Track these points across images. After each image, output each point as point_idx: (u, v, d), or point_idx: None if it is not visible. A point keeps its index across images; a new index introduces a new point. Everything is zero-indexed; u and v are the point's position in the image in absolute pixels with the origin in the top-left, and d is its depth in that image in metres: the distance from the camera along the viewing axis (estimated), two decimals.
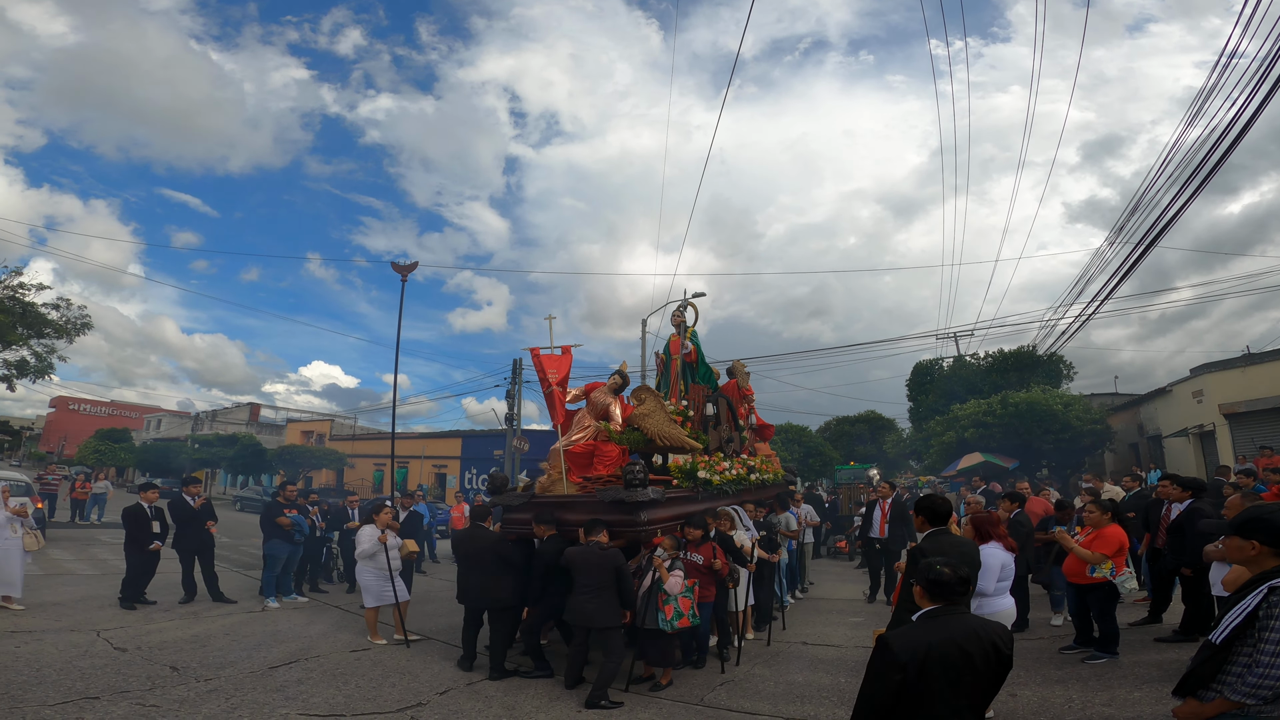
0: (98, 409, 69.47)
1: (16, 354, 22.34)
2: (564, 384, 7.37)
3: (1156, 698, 4.72)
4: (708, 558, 5.81)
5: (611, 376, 7.36)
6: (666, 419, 6.79)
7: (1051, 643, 6.46)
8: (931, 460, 22.45)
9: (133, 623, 7.17)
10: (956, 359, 26.57)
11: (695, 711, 4.97)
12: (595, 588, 5.15)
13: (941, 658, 2.40)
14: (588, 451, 6.77)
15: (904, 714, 2.42)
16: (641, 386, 7.21)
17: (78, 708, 4.50)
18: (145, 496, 8.63)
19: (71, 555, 12.55)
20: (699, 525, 5.95)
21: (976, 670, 2.44)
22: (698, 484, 6.67)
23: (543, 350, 7.47)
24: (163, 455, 43.47)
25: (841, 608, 8.99)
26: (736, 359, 10.19)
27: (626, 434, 6.77)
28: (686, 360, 8.34)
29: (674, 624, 5.25)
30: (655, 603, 5.32)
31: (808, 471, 29.30)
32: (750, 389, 9.98)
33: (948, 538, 4.28)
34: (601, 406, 7.04)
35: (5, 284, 22.13)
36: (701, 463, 6.80)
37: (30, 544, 7.73)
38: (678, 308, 8.66)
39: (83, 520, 19.38)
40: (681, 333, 8.49)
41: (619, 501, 5.62)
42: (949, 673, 2.39)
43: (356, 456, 40.48)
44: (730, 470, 7.22)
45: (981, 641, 2.48)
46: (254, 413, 53.58)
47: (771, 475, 8.87)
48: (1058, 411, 18.28)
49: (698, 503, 6.56)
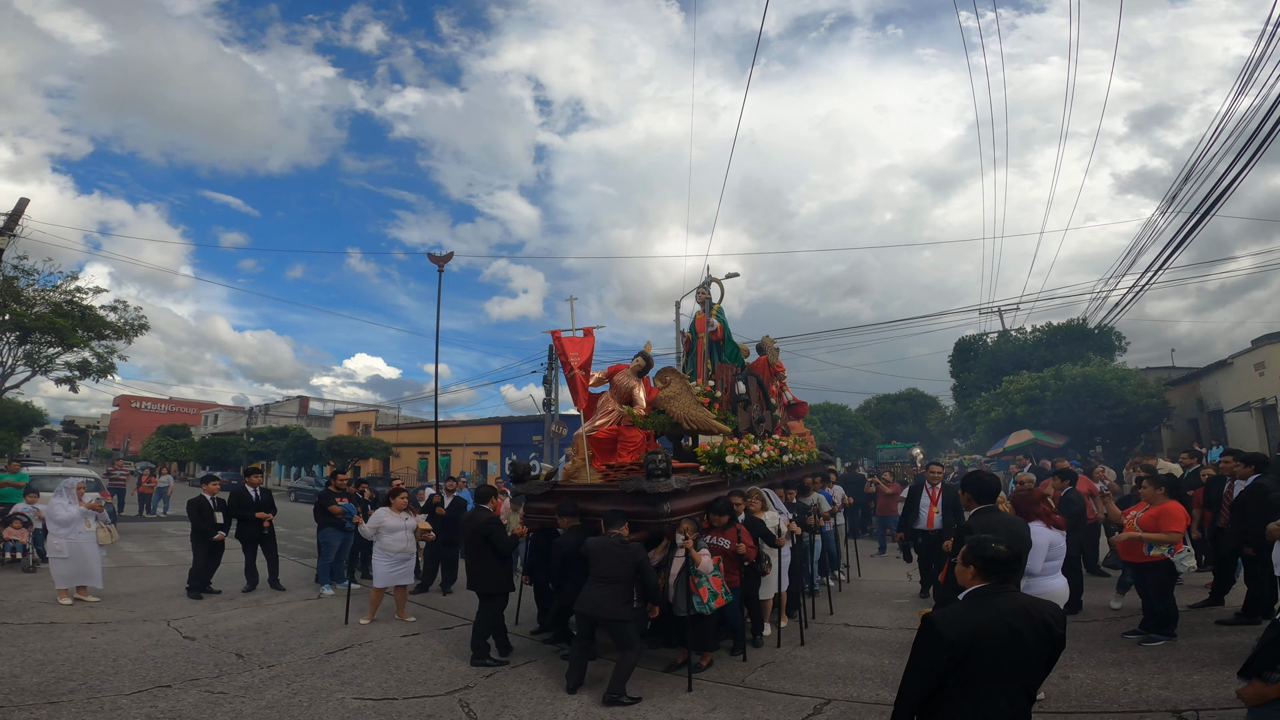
0: (158, 406, 72.75)
1: (78, 355, 23.48)
2: (586, 367, 7.19)
3: (1217, 680, 4.59)
4: (733, 542, 5.63)
5: (635, 358, 7.04)
6: (693, 401, 6.59)
7: (1106, 625, 6.31)
8: (978, 438, 21.96)
9: (200, 612, 7.54)
10: (1001, 334, 25.82)
11: (736, 693, 5.01)
12: (611, 579, 4.98)
13: (991, 636, 2.37)
14: (611, 437, 6.52)
15: (952, 694, 2.40)
16: (667, 368, 6.96)
17: (151, 696, 4.73)
18: (207, 488, 9.03)
19: (141, 547, 13.23)
20: (724, 510, 5.75)
21: (1027, 649, 2.40)
22: (726, 469, 6.42)
23: (564, 333, 7.26)
24: (220, 449, 45.41)
25: (884, 589, 8.90)
26: (765, 335, 9.81)
27: (652, 418, 6.56)
28: (713, 339, 8.07)
29: (710, 605, 5.18)
30: (687, 586, 5.21)
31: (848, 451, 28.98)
32: (781, 365, 9.67)
33: (997, 515, 4.18)
34: (625, 390, 6.78)
35: (62, 289, 23.22)
36: (730, 446, 6.55)
37: (104, 537, 8.09)
38: (702, 284, 8.36)
39: (149, 514, 20.38)
40: (707, 310, 8.20)
41: (640, 492, 5.41)
42: (998, 652, 2.37)
43: (401, 445, 41.55)
44: (761, 453, 6.94)
45: (1032, 620, 2.44)
46: (303, 405, 55.36)
47: (805, 455, 8.57)
48: (1113, 386, 17.64)
49: (725, 489, 6.28)
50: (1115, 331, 22.98)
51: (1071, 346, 22.26)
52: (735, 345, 8.29)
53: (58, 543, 7.60)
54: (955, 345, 27.37)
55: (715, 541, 5.63)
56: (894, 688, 4.62)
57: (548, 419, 25.50)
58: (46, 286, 22.72)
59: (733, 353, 8.17)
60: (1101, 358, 20.90)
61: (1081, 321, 23.23)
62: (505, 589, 5.96)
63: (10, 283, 21.40)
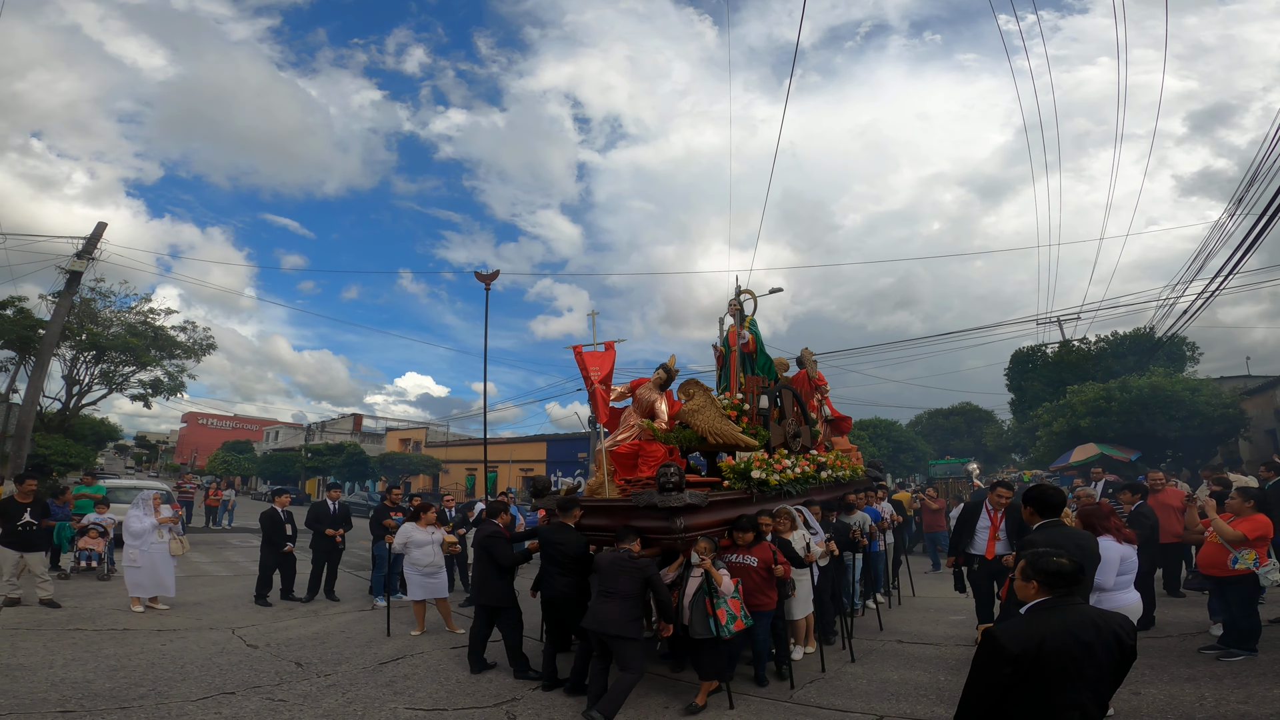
0: (223, 423, 76.07)
1: (151, 374, 24.75)
2: (607, 381, 7.03)
3: None
4: (764, 559, 5.33)
5: (656, 370, 6.82)
6: (718, 414, 6.36)
7: (1181, 641, 6.01)
8: (1038, 453, 21.06)
9: (263, 621, 7.80)
10: (1062, 344, 24.83)
11: (784, 709, 4.91)
12: (618, 594, 4.79)
13: (1058, 651, 2.31)
14: (633, 452, 6.33)
15: (1017, 709, 2.34)
16: (690, 381, 6.74)
17: (216, 703, 4.90)
18: (279, 501, 9.42)
19: (207, 558, 13.79)
20: (750, 528, 5.46)
21: (1098, 662, 2.34)
22: (752, 485, 6.10)
23: (585, 347, 7.13)
24: (281, 464, 47.08)
25: (939, 605, 8.60)
26: (805, 347, 9.52)
27: (676, 432, 6.38)
28: (745, 351, 7.84)
29: (730, 628, 4.88)
30: (704, 607, 4.93)
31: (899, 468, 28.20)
32: (823, 378, 9.41)
33: (1061, 530, 4.02)
34: (647, 403, 6.60)
35: (136, 310, 24.58)
36: (758, 461, 6.24)
37: (176, 548, 8.37)
38: (734, 296, 8.14)
39: (215, 525, 21.26)
40: (739, 322, 7.94)
41: (652, 506, 5.17)
42: (1068, 665, 2.31)
43: (450, 462, 42.36)
44: (794, 468, 6.64)
45: (1102, 632, 2.37)
46: (357, 423, 57.01)
47: (848, 472, 8.22)
48: (1184, 397, 16.75)
49: (751, 505, 6.01)
50: (1186, 340, 21.87)
51: (1139, 357, 21.26)
52: (768, 358, 8.07)
53: (132, 553, 7.96)
54: (1012, 356, 26.44)
55: (739, 560, 5.39)
56: (950, 704, 4.45)
57: (593, 436, 25.64)
58: (121, 308, 24.13)
59: (765, 365, 7.94)
60: (1170, 367, 19.88)
61: (1149, 330, 22.17)
62: (503, 603, 5.84)
63: (88, 305, 22.78)
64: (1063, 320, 24.98)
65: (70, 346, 22.25)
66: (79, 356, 23.17)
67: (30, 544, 7.88)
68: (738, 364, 7.78)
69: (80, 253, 16.05)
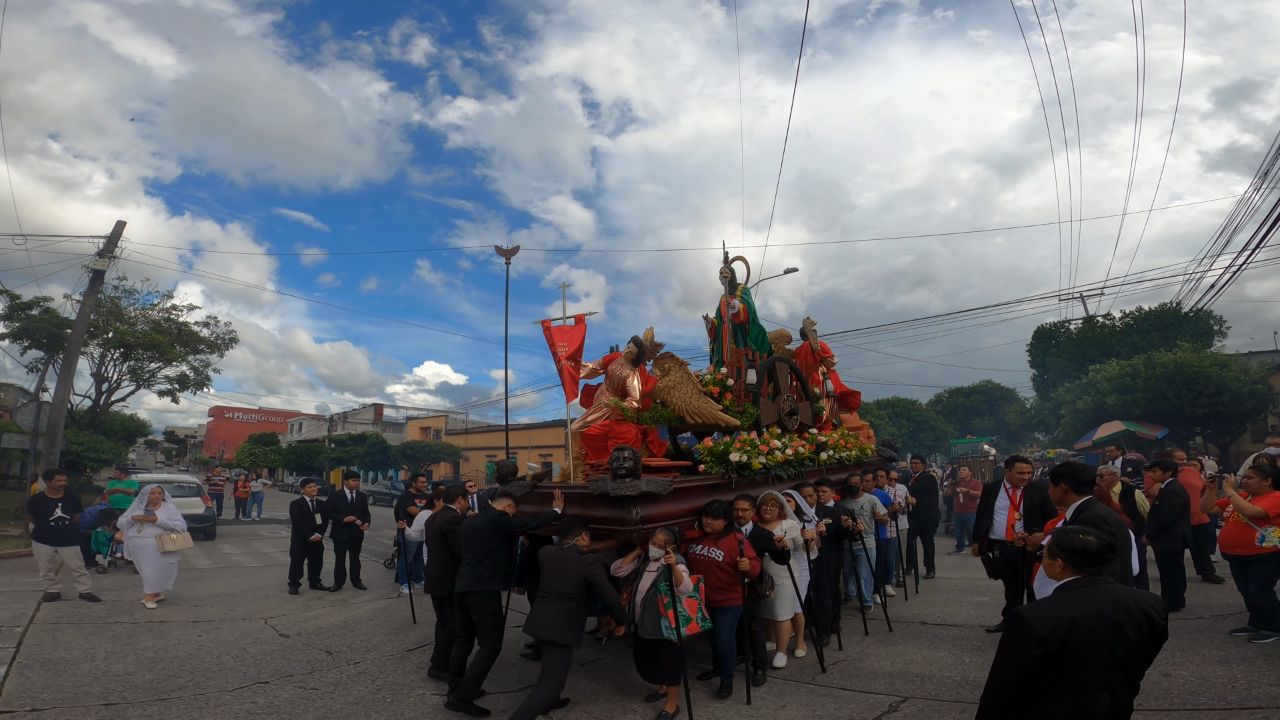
0: (249, 416, 77.29)
1: (177, 369, 25.22)
2: (576, 357, 6.61)
3: None
4: (730, 553, 4.74)
5: (628, 345, 6.22)
6: (695, 391, 5.86)
7: (1213, 622, 5.95)
8: (1062, 431, 20.81)
9: (293, 610, 7.98)
10: (1086, 320, 24.41)
11: (807, 690, 4.94)
12: (558, 595, 4.38)
13: (1088, 630, 2.30)
14: (603, 434, 5.75)
15: (1047, 689, 2.34)
16: (666, 355, 6.24)
17: (251, 692, 5.02)
18: (306, 491, 9.59)
19: (238, 549, 14.10)
20: (720, 514, 4.93)
21: (1129, 642, 2.32)
22: (730, 469, 5.53)
23: (554, 321, 6.71)
24: (305, 455, 47.86)
25: (964, 586, 8.57)
26: (807, 317, 8.78)
27: (652, 411, 5.83)
28: (735, 321, 7.23)
29: (682, 630, 4.40)
30: (656, 607, 4.47)
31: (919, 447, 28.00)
32: (828, 350, 8.69)
33: (1096, 508, 3.94)
34: (618, 380, 6.05)
35: (159, 307, 25.02)
36: (739, 443, 5.66)
37: (169, 544, 8.12)
38: (724, 264, 7.46)
39: (245, 517, 21.70)
40: (729, 290, 7.31)
41: (605, 495, 4.66)
42: (1099, 645, 2.29)
43: (470, 449, 42.80)
44: (784, 449, 6.02)
45: (1132, 612, 2.35)
46: (378, 413, 57.68)
47: (855, 452, 7.59)
48: (1212, 373, 16.43)
49: (729, 492, 5.40)
50: (1213, 315, 21.40)
51: (1165, 333, 20.84)
52: (761, 329, 7.41)
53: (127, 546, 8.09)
54: (1034, 333, 26.08)
55: (704, 552, 4.85)
56: (975, 685, 4.44)
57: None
58: (145, 305, 24.56)
59: (758, 337, 7.30)
60: (1197, 343, 19.47)
61: (1175, 305, 21.71)
62: None
63: (114, 302, 23.21)
64: (1086, 296, 24.56)
65: (98, 344, 22.72)
66: (107, 354, 23.65)
67: (63, 539, 8.08)
68: (730, 336, 7.24)
69: (101, 252, 16.31)
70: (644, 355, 6.22)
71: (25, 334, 20.51)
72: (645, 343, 6.20)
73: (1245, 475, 5.68)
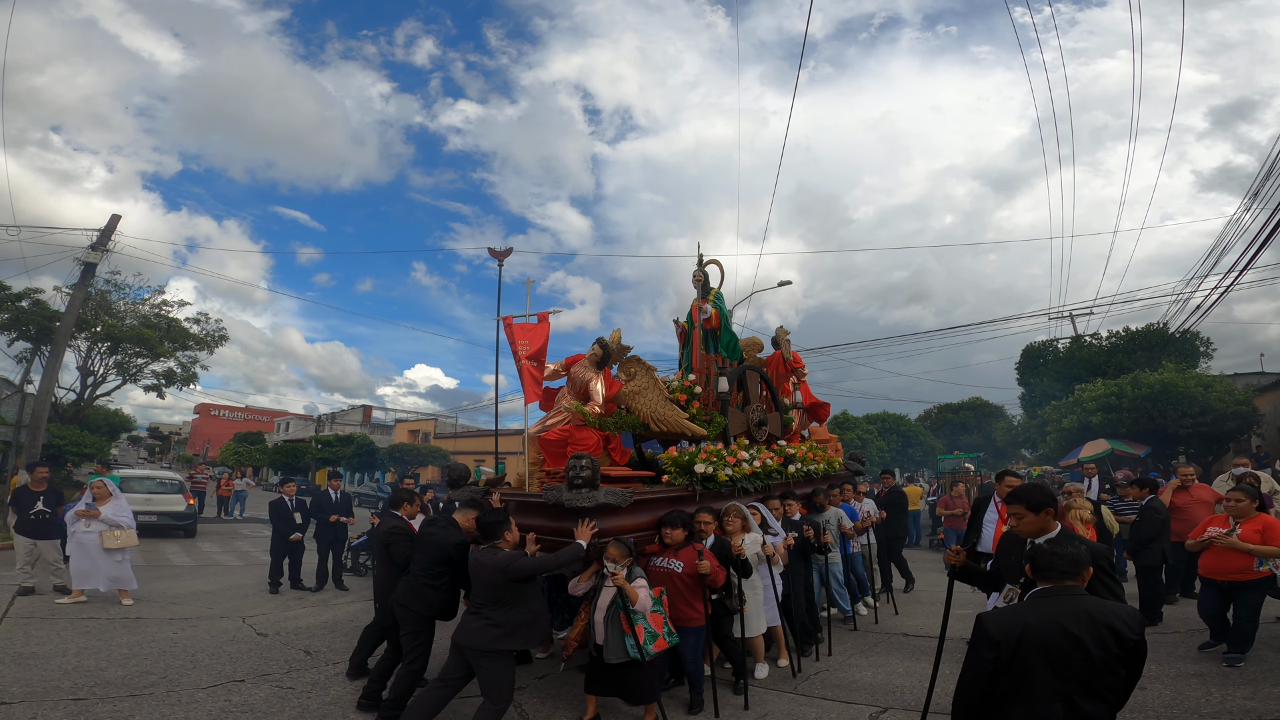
0: (235, 414, 76.63)
1: (164, 365, 25.04)
2: (538, 357, 6.35)
3: None
4: (690, 564, 4.58)
5: (592, 346, 5.98)
6: (661, 398, 5.69)
7: (1188, 637, 5.99)
8: (1048, 449, 20.95)
9: (273, 610, 7.89)
10: (1074, 339, 24.64)
11: (788, 699, 4.93)
12: (481, 603, 4.06)
13: (1041, 639, 2.30)
14: (562, 439, 5.55)
15: (1005, 696, 2.35)
16: (632, 358, 6.04)
17: (225, 690, 4.96)
18: (285, 490, 9.54)
19: (219, 548, 13.95)
20: (680, 524, 4.77)
21: (1089, 655, 2.29)
22: (695, 481, 5.35)
23: (516, 319, 6.44)
24: (291, 455, 47.46)
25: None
26: (779, 325, 8.62)
27: (616, 417, 5.67)
28: (706, 327, 7.04)
29: (649, 648, 4.18)
30: (619, 626, 4.22)
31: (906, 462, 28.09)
32: (800, 360, 8.54)
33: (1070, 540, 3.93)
34: (581, 384, 5.85)
35: (150, 302, 24.86)
36: (704, 454, 5.49)
37: (111, 541, 7.64)
38: (698, 267, 7.26)
39: (227, 516, 21.49)
40: (702, 295, 7.11)
41: (558, 506, 4.51)
42: (1050, 655, 2.29)
43: (458, 453, 42.52)
44: (751, 461, 5.88)
45: (1095, 624, 2.32)
46: (366, 414, 57.36)
47: (823, 465, 7.46)
48: (1196, 394, 16.61)
49: (693, 504, 5.28)
50: (1199, 336, 21.66)
51: (1151, 353, 21.07)
52: (733, 335, 7.24)
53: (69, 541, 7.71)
54: (1023, 351, 26.29)
55: (664, 564, 4.70)
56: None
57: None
58: (136, 300, 24.39)
59: (730, 344, 7.12)
60: (1183, 363, 19.70)
61: (1162, 326, 21.96)
62: None
63: (104, 296, 23.03)
64: (1075, 315, 24.80)
65: (85, 338, 22.52)
66: (94, 347, 23.45)
67: (44, 532, 8.00)
68: (700, 342, 7.05)
69: (94, 245, 16.20)
70: (609, 358, 5.99)
71: (13, 325, 20.30)
72: (610, 345, 5.97)
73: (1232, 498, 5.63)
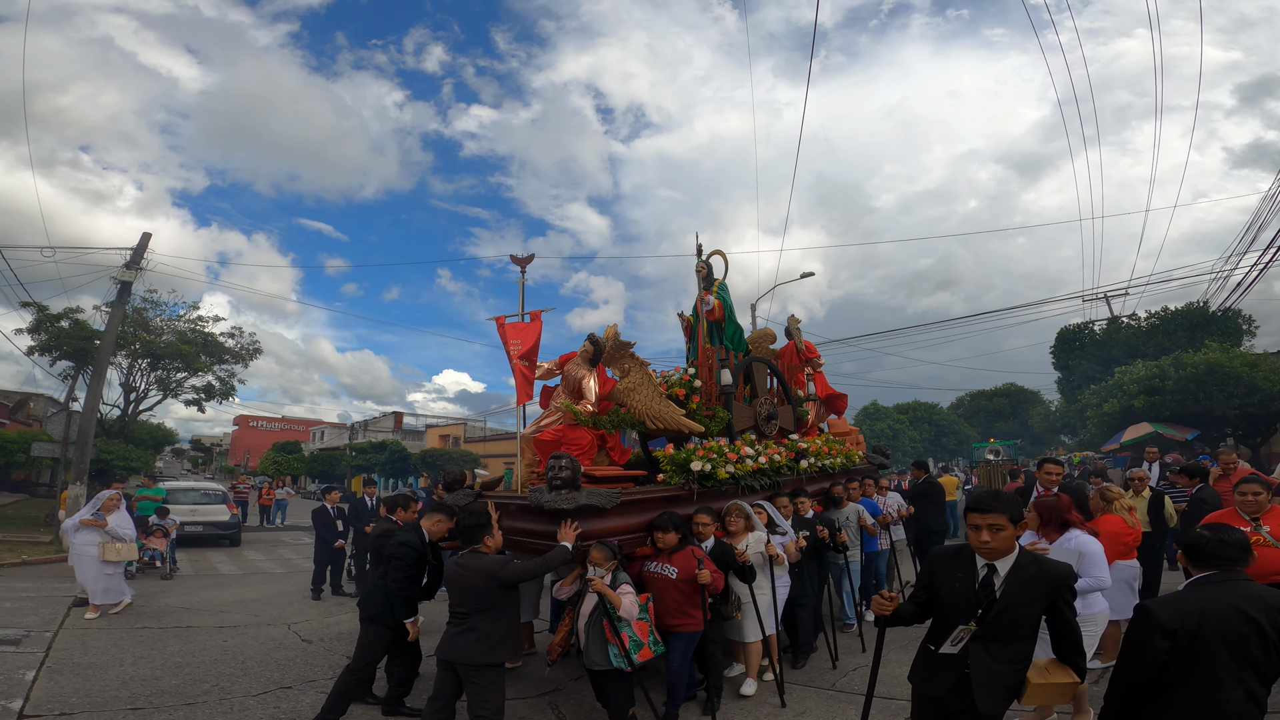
0: (272, 425, 78.46)
1: (203, 379, 25.72)
2: (530, 356, 6.25)
3: None
4: (686, 570, 4.31)
5: (584, 343, 5.79)
6: (656, 394, 5.53)
7: None
8: (1089, 434, 20.46)
9: (316, 616, 8.05)
10: (1111, 321, 24.00)
11: (826, 696, 4.90)
12: (467, 612, 3.87)
13: (1221, 624, 2.27)
14: (556, 439, 5.42)
15: (1175, 684, 2.31)
16: (626, 354, 5.90)
17: (275, 697, 5.07)
18: (329, 498, 9.74)
19: (263, 556, 14.29)
20: (672, 527, 4.49)
21: (1266, 637, 2.27)
22: (691, 479, 5.08)
23: (508, 318, 6.39)
24: (327, 463, 48.49)
25: None
26: (791, 314, 8.37)
27: (611, 415, 5.54)
28: (710, 319, 6.86)
29: (633, 657, 4.00)
30: (602, 634, 4.03)
31: (940, 451, 27.65)
32: (814, 350, 8.27)
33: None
34: (574, 382, 5.71)
35: (185, 318, 25.57)
36: (702, 451, 5.24)
37: (111, 554, 7.63)
38: (699, 257, 7.06)
39: (269, 524, 22.00)
40: (706, 286, 6.91)
41: (539, 508, 4.31)
42: (1232, 639, 2.26)
43: (488, 456, 42.98)
44: (757, 457, 5.59)
45: (1268, 607, 2.31)
46: (398, 421, 58.17)
47: (840, 459, 7.08)
48: (1242, 373, 16.07)
49: (690, 504, 5.01)
50: (1241, 313, 20.95)
51: (1192, 333, 20.44)
52: (738, 326, 7.03)
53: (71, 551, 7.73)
54: (1058, 335, 25.71)
55: (657, 570, 4.45)
56: None
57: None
58: (172, 316, 25.09)
59: (734, 335, 6.91)
60: (1226, 343, 19.06)
61: (1202, 304, 21.28)
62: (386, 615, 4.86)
63: (140, 314, 23.72)
64: (1110, 296, 24.15)
65: (126, 355, 23.22)
66: (135, 364, 24.17)
67: None
68: (704, 335, 6.90)
69: (128, 263, 16.67)
70: (601, 354, 5.85)
71: (54, 345, 21.00)
72: (603, 341, 5.84)
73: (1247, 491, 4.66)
